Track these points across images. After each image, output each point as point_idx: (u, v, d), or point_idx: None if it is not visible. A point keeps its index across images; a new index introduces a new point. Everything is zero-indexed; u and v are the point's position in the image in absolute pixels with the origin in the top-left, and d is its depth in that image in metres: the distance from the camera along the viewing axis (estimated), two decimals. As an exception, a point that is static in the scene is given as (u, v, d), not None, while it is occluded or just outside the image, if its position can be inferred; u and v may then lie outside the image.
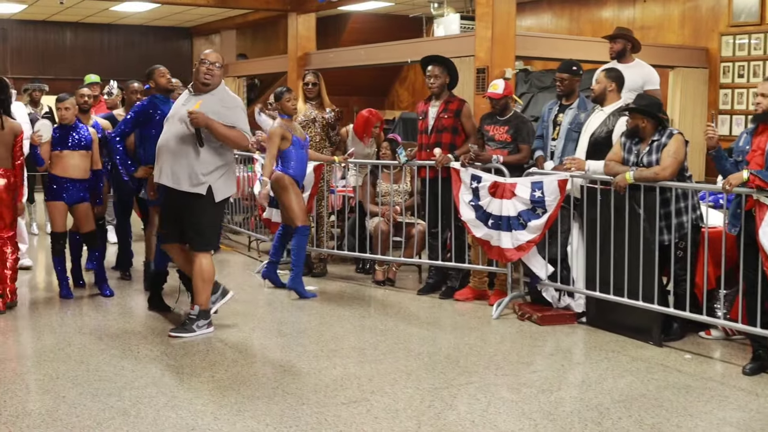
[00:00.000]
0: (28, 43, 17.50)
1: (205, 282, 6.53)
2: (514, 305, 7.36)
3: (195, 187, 6.31)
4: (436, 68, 8.01)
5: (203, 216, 6.41)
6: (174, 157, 6.32)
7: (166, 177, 6.38)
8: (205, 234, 6.49)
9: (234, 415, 4.81)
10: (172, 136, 6.37)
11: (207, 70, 6.41)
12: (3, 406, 4.95)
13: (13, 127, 7.33)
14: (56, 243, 7.81)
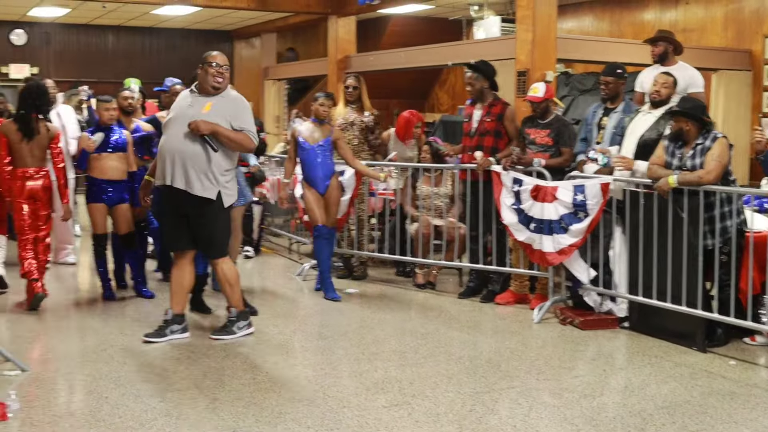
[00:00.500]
0: (70, 47, 17.69)
1: (233, 285, 6.50)
2: (556, 309, 7.32)
3: (206, 191, 6.19)
4: (472, 74, 8.01)
5: (215, 222, 6.31)
6: (186, 160, 6.16)
7: (179, 180, 6.20)
8: (218, 241, 6.41)
9: (275, 417, 4.83)
10: (183, 138, 6.18)
11: (216, 73, 6.32)
12: (47, 405, 5.01)
13: (50, 129, 7.57)
14: (98, 245, 7.88)
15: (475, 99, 8.07)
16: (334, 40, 14.25)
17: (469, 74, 8.08)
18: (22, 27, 17.26)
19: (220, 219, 6.35)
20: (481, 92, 8.02)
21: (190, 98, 6.40)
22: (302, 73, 16.89)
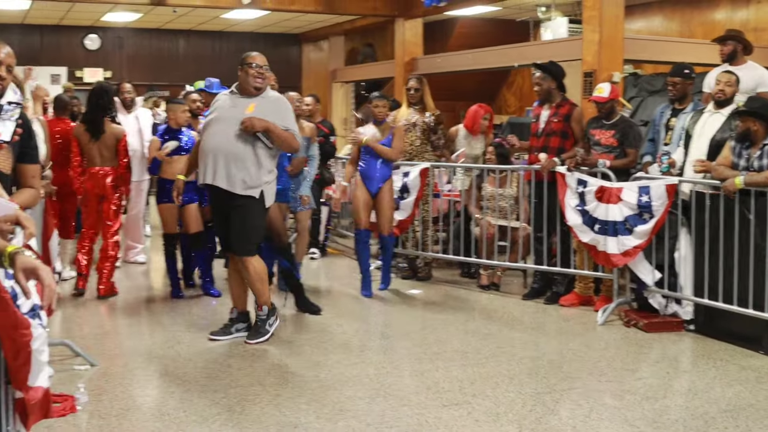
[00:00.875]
0: (142, 51, 18.01)
1: (263, 282, 6.46)
2: (620, 311, 7.26)
3: (249, 190, 6.21)
4: (540, 74, 7.99)
5: (252, 220, 6.31)
6: (229, 159, 6.18)
7: (221, 179, 6.21)
8: (250, 239, 6.36)
9: (336, 414, 4.88)
10: (226, 138, 6.21)
11: (258, 74, 6.34)
12: (114, 399, 5.14)
13: (114, 131, 7.94)
14: (168, 244, 8.04)
15: (543, 99, 8.05)
16: (401, 42, 14.30)
17: (537, 75, 8.06)
18: (96, 32, 17.62)
19: (257, 218, 6.36)
20: (549, 93, 7.98)
21: (231, 99, 6.43)
22: (370, 75, 16.96)
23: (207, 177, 6.28)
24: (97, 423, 4.75)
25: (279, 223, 7.38)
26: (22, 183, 4.32)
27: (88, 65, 17.64)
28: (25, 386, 3.30)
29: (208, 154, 6.28)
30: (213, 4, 13.49)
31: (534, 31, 14.91)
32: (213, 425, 4.71)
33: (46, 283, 2.78)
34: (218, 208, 6.47)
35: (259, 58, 6.43)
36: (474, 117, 9.25)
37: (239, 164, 6.19)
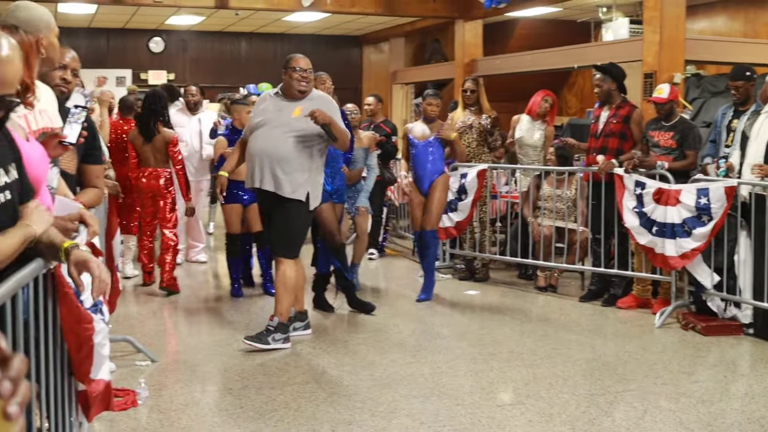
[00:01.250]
0: (205, 53, 18.25)
1: (287, 290, 6.34)
2: (678, 314, 7.21)
3: (295, 192, 6.23)
4: (600, 76, 7.96)
5: (296, 222, 6.32)
6: (275, 162, 6.22)
7: (267, 182, 6.25)
8: (292, 240, 6.35)
9: (390, 413, 4.94)
10: (272, 141, 6.26)
11: (301, 77, 6.34)
12: (173, 395, 5.26)
13: (165, 135, 8.26)
14: (232, 244, 8.16)
15: (603, 101, 8.02)
16: (461, 44, 14.32)
17: (598, 76, 8.04)
18: (160, 35, 17.90)
19: (302, 220, 6.36)
20: (609, 94, 7.94)
21: (276, 102, 6.44)
22: (429, 77, 16.99)
23: (255, 181, 6.34)
24: (156, 417, 4.87)
25: (332, 223, 7.42)
26: (86, 183, 4.46)
27: (153, 68, 17.93)
28: (87, 379, 3.41)
29: (255, 158, 6.33)
30: (274, 6, 13.64)
31: (595, 32, 14.83)
32: (269, 421, 4.79)
33: (96, 274, 2.87)
34: (265, 210, 6.53)
35: (302, 62, 6.42)
36: (534, 99, 9.22)
37: (285, 167, 6.22)
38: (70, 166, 4.31)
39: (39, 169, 3.08)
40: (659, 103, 7.55)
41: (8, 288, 2.52)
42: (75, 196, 4.12)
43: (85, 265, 2.87)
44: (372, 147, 8.59)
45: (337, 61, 18.83)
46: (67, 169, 4.23)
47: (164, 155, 8.27)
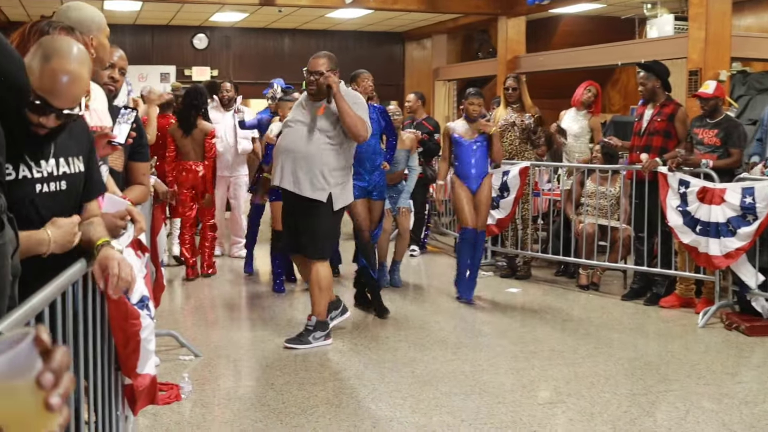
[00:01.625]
0: (249, 50, 18.34)
1: (322, 291, 6.33)
2: (722, 314, 7.15)
3: (316, 192, 6.18)
4: (643, 74, 7.90)
5: (321, 223, 6.27)
6: (296, 161, 6.21)
7: (287, 181, 6.26)
8: (320, 242, 6.31)
9: (431, 410, 4.96)
10: (295, 140, 6.26)
11: (309, 81, 6.33)
12: (216, 389, 5.32)
13: (203, 128, 8.61)
14: (276, 240, 8.19)
15: (647, 99, 7.96)
16: (504, 40, 14.29)
17: (642, 74, 7.98)
18: (204, 31, 18.02)
19: (326, 221, 6.29)
20: (654, 92, 7.88)
21: (305, 102, 6.45)
22: (472, 73, 16.96)
23: (276, 179, 6.38)
24: (200, 411, 4.93)
25: (363, 220, 7.42)
26: (132, 180, 4.53)
27: (197, 64, 18.06)
28: (133, 373, 3.47)
29: (279, 156, 6.37)
30: (318, 3, 13.70)
31: (639, 28, 14.71)
32: (311, 417, 4.84)
33: (113, 272, 2.89)
34: (287, 209, 6.53)
35: (313, 63, 6.39)
36: (577, 90, 9.17)
37: (306, 166, 6.19)
38: (118, 163, 4.38)
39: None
40: (704, 98, 7.48)
41: (59, 284, 2.58)
42: (123, 192, 4.18)
43: (106, 262, 2.90)
44: (413, 148, 8.64)
45: (380, 57, 18.85)
46: (115, 167, 4.30)
47: (203, 148, 8.64)
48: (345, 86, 6.54)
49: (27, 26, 3.05)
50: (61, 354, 1.03)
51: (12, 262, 2.36)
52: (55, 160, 2.78)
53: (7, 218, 2.33)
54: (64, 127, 2.75)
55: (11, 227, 2.35)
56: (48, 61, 2.62)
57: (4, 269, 2.31)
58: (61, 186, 2.80)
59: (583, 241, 8.42)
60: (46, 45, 2.70)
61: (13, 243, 2.37)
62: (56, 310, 2.62)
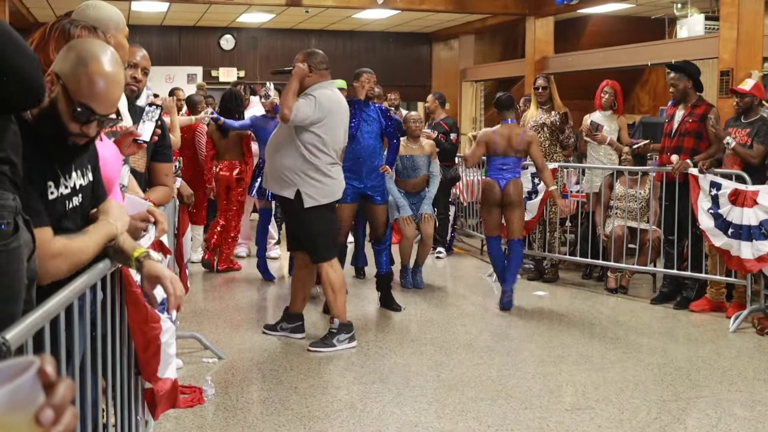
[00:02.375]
0: (275, 51, 18.33)
1: (336, 292, 6.29)
2: (753, 319, 7.02)
3: (283, 190, 6.14)
4: (674, 75, 7.77)
5: (303, 223, 6.22)
6: (268, 159, 6.31)
7: (265, 180, 6.47)
8: (316, 244, 6.25)
9: (457, 415, 4.89)
10: (271, 139, 6.36)
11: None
12: (240, 393, 5.27)
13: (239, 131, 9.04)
14: None
15: (678, 99, 7.84)
16: (532, 41, 14.20)
17: (673, 75, 7.84)
18: (231, 32, 18.05)
19: (309, 221, 6.20)
20: (685, 93, 7.75)
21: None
22: (500, 74, 16.88)
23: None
24: (222, 415, 4.88)
25: (344, 225, 7.35)
26: (155, 181, 4.48)
27: (223, 65, 18.09)
28: (154, 377, 3.42)
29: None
30: (345, 4, 13.66)
31: (669, 28, 14.57)
32: (335, 421, 4.78)
33: (170, 291, 2.86)
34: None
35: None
36: (597, 92, 9.02)
37: (271, 164, 6.25)
38: (140, 164, 4.34)
39: (112, 169, 3.09)
40: (740, 94, 7.35)
41: (75, 288, 2.53)
42: (145, 194, 4.14)
43: (158, 281, 2.87)
44: (434, 153, 8.60)
45: (407, 58, 18.81)
46: (137, 168, 4.26)
47: (239, 149, 9.13)
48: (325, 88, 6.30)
49: (48, 25, 3.00)
50: (65, 388, 0.97)
51: (29, 265, 2.32)
52: (76, 173, 2.72)
53: (23, 220, 2.28)
54: (96, 137, 2.69)
55: (27, 229, 2.30)
56: (85, 65, 2.55)
57: (20, 272, 2.26)
58: (80, 199, 2.75)
59: (611, 244, 8.30)
60: (79, 48, 2.62)
61: (29, 246, 2.31)
62: (73, 313, 2.57)
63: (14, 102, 2.23)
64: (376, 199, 7.45)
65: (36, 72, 2.25)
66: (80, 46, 2.63)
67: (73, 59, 2.57)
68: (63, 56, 2.60)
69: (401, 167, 8.55)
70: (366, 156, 7.31)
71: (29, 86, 2.23)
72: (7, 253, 2.19)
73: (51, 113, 2.54)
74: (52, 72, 2.56)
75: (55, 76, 2.55)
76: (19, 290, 2.26)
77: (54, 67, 2.58)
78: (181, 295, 2.92)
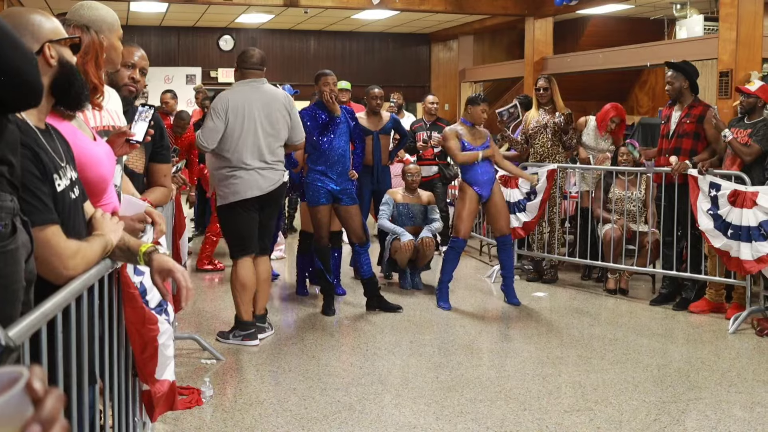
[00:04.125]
0: (274, 51, 18.34)
1: (238, 291, 6.35)
2: (753, 320, 7.01)
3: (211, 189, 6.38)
4: (671, 73, 7.77)
5: (220, 222, 6.52)
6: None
7: None
8: (227, 242, 6.49)
9: (455, 416, 4.87)
10: None
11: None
12: (239, 394, 5.26)
13: None
14: (303, 242, 8.11)
15: (674, 99, 7.83)
16: (531, 41, 14.20)
17: (670, 73, 7.84)
18: (230, 33, 18.06)
19: (221, 219, 6.42)
20: (681, 92, 7.74)
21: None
22: (499, 75, 16.89)
23: None
24: (221, 416, 4.87)
25: (323, 228, 7.34)
26: (153, 182, 4.47)
27: (222, 65, 18.10)
28: (151, 379, 3.41)
29: None
30: (344, 4, 13.66)
31: (668, 29, 14.58)
32: (333, 423, 4.76)
33: (182, 284, 2.84)
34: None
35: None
36: (604, 116, 8.97)
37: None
38: (138, 165, 4.33)
39: (106, 168, 3.07)
40: (744, 93, 7.34)
41: (72, 289, 2.52)
42: (142, 194, 4.13)
43: (170, 274, 2.86)
44: (432, 202, 8.66)
45: (406, 59, 18.82)
46: (135, 169, 4.25)
47: None
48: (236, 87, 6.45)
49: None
50: (53, 400, 0.95)
51: (27, 267, 2.30)
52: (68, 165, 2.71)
53: (21, 222, 2.27)
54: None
55: (25, 231, 2.29)
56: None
57: (17, 274, 2.24)
58: (76, 193, 2.74)
59: (611, 245, 8.29)
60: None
61: (27, 247, 2.30)
62: (70, 315, 2.55)
63: (12, 101, 2.22)
64: (345, 201, 7.37)
65: (34, 71, 2.24)
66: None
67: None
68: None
69: (396, 214, 8.56)
70: (337, 157, 7.26)
71: (27, 86, 2.22)
72: (5, 255, 2.17)
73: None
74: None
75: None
76: (17, 292, 2.25)
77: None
78: (193, 288, 2.91)
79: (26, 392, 0.93)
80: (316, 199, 7.23)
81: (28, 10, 2.70)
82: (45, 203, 2.46)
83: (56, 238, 2.48)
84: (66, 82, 2.67)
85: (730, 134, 7.22)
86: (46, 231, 2.45)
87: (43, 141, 2.54)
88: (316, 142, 7.21)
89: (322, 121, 7.21)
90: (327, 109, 7.26)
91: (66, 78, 2.66)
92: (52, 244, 2.47)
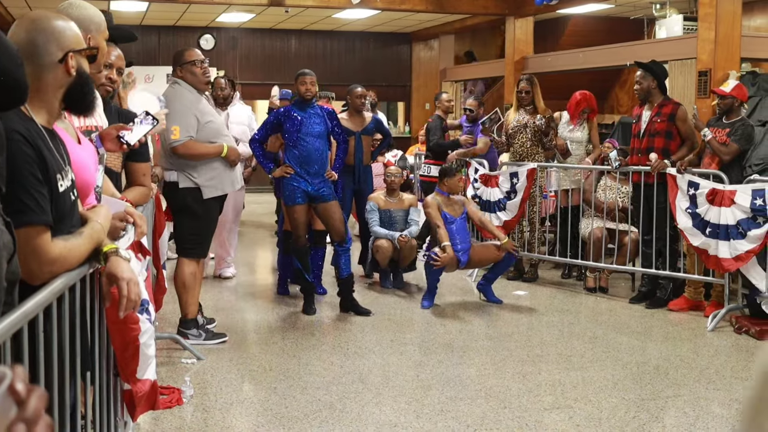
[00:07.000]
0: (255, 50, 18.32)
1: (185, 289, 6.30)
2: (731, 318, 7.06)
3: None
4: (640, 73, 7.82)
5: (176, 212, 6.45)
6: None
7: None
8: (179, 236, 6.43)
9: (436, 415, 4.89)
10: None
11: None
12: (218, 393, 5.25)
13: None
14: (285, 241, 8.07)
15: (642, 98, 7.88)
16: (512, 41, 14.24)
17: (639, 73, 7.90)
18: (211, 32, 18.00)
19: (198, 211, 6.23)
20: (649, 92, 7.79)
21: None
22: (480, 74, 16.92)
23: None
24: (201, 416, 4.87)
25: (301, 227, 7.32)
26: (132, 181, 4.47)
27: (203, 64, 18.03)
28: (133, 378, 3.41)
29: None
30: (325, 3, 13.65)
31: (648, 29, 14.64)
32: (313, 422, 4.77)
33: (123, 293, 2.82)
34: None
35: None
36: (575, 106, 8.94)
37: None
38: (116, 163, 4.32)
39: (90, 173, 3.08)
40: (720, 95, 7.40)
41: (54, 288, 2.52)
42: (122, 194, 4.12)
43: (115, 280, 2.84)
44: (414, 205, 8.65)
45: (387, 58, 18.81)
46: (113, 167, 4.24)
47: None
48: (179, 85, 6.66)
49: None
50: (36, 399, 0.96)
51: (9, 267, 2.30)
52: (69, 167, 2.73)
53: (3, 222, 2.27)
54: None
55: (8, 231, 2.29)
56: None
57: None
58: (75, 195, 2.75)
59: (590, 244, 8.33)
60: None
61: (9, 248, 2.30)
62: (52, 314, 2.56)
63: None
64: (327, 197, 7.33)
65: (19, 71, 2.24)
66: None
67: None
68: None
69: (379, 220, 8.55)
70: (314, 157, 7.24)
71: (12, 86, 2.22)
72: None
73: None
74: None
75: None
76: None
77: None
78: (136, 299, 2.88)
79: (9, 394, 0.94)
80: (293, 198, 7.23)
81: (53, 16, 2.74)
82: (39, 204, 2.47)
83: (41, 241, 2.48)
84: (81, 92, 2.71)
85: (709, 134, 7.28)
86: (32, 232, 2.46)
87: (50, 142, 2.56)
88: (294, 141, 7.21)
89: (298, 122, 7.20)
90: (301, 108, 7.27)
91: (81, 88, 2.71)
92: (34, 246, 2.47)
